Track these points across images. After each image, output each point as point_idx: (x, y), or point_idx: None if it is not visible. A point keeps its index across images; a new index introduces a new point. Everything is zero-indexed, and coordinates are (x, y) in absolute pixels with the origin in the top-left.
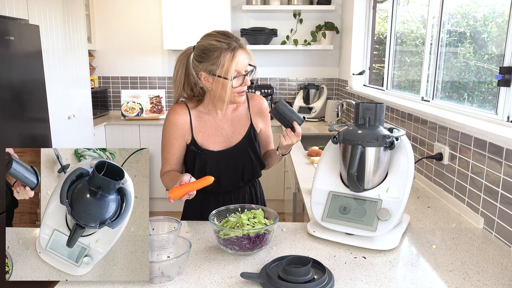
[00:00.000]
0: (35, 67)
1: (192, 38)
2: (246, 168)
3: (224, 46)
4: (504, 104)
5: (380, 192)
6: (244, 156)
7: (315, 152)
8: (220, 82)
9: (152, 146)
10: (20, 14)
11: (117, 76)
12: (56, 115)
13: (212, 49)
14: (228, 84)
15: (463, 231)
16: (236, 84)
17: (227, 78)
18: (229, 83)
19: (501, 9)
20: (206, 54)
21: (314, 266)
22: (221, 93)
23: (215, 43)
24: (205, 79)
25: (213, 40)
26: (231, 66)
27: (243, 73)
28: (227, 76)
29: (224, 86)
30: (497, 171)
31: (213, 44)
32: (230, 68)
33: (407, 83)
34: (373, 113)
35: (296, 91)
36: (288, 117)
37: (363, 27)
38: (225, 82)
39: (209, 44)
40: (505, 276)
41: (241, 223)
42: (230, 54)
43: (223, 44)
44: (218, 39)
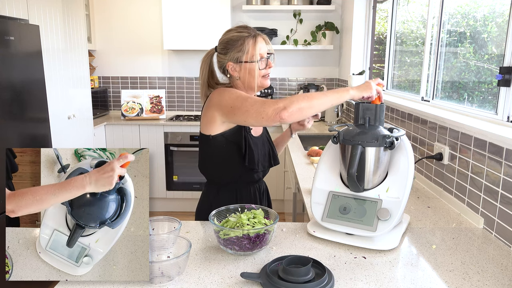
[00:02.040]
0: (35, 67)
1: (192, 38)
2: (272, 155)
3: (245, 34)
4: (504, 104)
5: (380, 192)
6: (268, 143)
7: (315, 152)
8: (247, 67)
9: (152, 146)
10: (20, 14)
11: (117, 76)
12: (56, 115)
13: (235, 39)
14: (256, 66)
15: (463, 231)
16: (262, 66)
17: (254, 61)
18: (256, 65)
19: (501, 9)
20: (230, 45)
21: (314, 266)
22: (249, 79)
23: (237, 34)
24: (232, 69)
25: (234, 32)
26: (256, 49)
27: (265, 56)
28: (253, 60)
29: (252, 71)
30: (497, 171)
31: (235, 35)
32: (254, 52)
33: (407, 83)
34: (373, 113)
35: (296, 91)
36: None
37: (363, 27)
38: (252, 66)
39: (231, 36)
40: (505, 276)
41: (241, 223)
42: (252, 40)
43: (244, 33)
44: (238, 31)
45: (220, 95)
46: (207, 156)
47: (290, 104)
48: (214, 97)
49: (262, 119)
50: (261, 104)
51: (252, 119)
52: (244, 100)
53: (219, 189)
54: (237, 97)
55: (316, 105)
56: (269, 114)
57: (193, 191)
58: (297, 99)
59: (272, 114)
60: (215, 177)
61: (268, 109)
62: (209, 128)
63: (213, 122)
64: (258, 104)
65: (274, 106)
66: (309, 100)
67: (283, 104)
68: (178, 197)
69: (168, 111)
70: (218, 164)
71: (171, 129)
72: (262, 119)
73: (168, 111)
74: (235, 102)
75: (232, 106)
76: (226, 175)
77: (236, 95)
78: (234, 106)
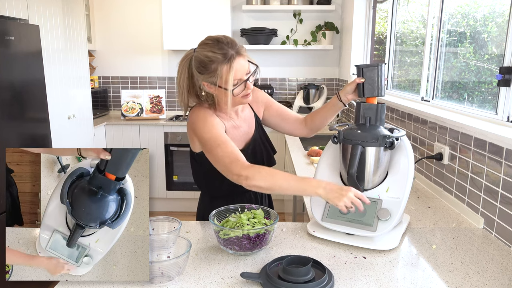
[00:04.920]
0: (35, 67)
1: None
2: (265, 157)
3: (220, 58)
4: (504, 104)
5: (380, 192)
6: (261, 146)
7: (315, 152)
8: (222, 91)
9: (152, 146)
10: (20, 14)
11: (117, 76)
12: (56, 115)
13: (208, 62)
14: (229, 93)
15: (463, 231)
16: (237, 91)
17: (227, 88)
18: (229, 93)
19: (501, 9)
20: (204, 67)
21: (314, 266)
22: (224, 101)
23: (211, 55)
24: (208, 87)
25: (209, 51)
26: (229, 77)
27: (244, 78)
28: (226, 87)
29: (226, 95)
30: (497, 171)
31: (209, 57)
32: (228, 79)
33: (407, 83)
34: (374, 113)
35: (296, 91)
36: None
37: (363, 27)
38: (226, 92)
39: (205, 56)
40: (505, 276)
41: (241, 223)
42: (226, 66)
43: (218, 56)
44: (213, 51)
45: (195, 123)
46: (198, 170)
47: (252, 178)
48: (190, 119)
49: (227, 175)
50: (228, 162)
51: (218, 168)
52: (216, 146)
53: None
54: (210, 138)
55: (276, 189)
56: (232, 176)
57: (193, 191)
58: (261, 176)
59: (233, 178)
60: (209, 189)
61: (232, 172)
62: (193, 146)
63: (194, 142)
64: (226, 159)
65: (238, 171)
66: (272, 182)
67: (246, 174)
68: (178, 197)
69: (168, 111)
70: (210, 178)
71: (171, 129)
72: (227, 175)
73: (168, 111)
74: (207, 142)
75: (204, 145)
76: (219, 188)
77: (210, 134)
78: (205, 146)
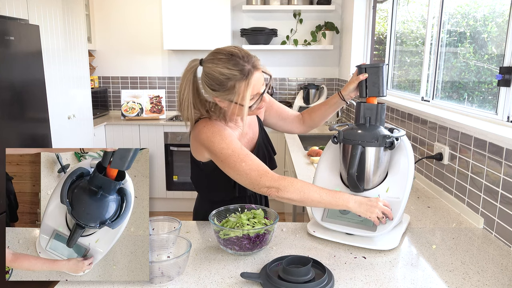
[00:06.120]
0: (35, 67)
1: (192, 38)
2: (268, 160)
3: (238, 76)
4: (504, 104)
5: (380, 192)
6: (264, 150)
7: (315, 152)
8: (237, 107)
9: (152, 146)
10: (20, 14)
11: (117, 76)
12: (56, 115)
13: (224, 79)
14: (245, 109)
15: (463, 231)
16: (255, 106)
17: (243, 104)
18: (246, 108)
19: (501, 9)
20: (219, 85)
21: (314, 266)
22: (238, 115)
23: (227, 72)
24: (219, 102)
25: (223, 67)
26: (247, 93)
27: (260, 92)
28: (243, 103)
29: (241, 110)
30: (497, 171)
31: (225, 74)
32: (245, 96)
33: (407, 83)
34: (374, 113)
35: (296, 91)
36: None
37: (363, 27)
38: (241, 107)
39: (220, 73)
40: (505, 276)
41: (241, 223)
42: (245, 83)
43: (235, 73)
44: (228, 67)
45: (209, 138)
46: (199, 177)
47: (284, 190)
48: (203, 134)
49: (253, 188)
50: (257, 176)
51: (242, 182)
52: (240, 161)
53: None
54: (232, 154)
55: (307, 202)
56: (260, 189)
57: (193, 191)
58: (294, 189)
59: (262, 191)
60: (209, 195)
61: (262, 185)
62: (198, 156)
63: (202, 154)
64: (253, 173)
65: (269, 184)
66: (305, 195)
67: (277, 186)
68: (178, 197)
69: (168, 111)
70: (210, 185)
71: (171, 129)
72: (253, 188)
73: (168, 111)
74: (228, 158)
75: (223, 160)
76: (219, 194)
77: (231, 149)
78: (226, 161)
